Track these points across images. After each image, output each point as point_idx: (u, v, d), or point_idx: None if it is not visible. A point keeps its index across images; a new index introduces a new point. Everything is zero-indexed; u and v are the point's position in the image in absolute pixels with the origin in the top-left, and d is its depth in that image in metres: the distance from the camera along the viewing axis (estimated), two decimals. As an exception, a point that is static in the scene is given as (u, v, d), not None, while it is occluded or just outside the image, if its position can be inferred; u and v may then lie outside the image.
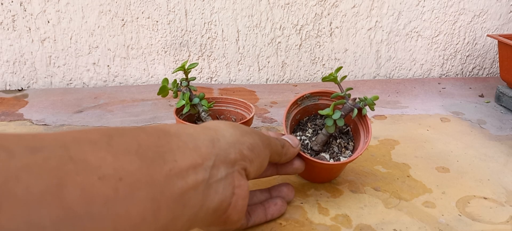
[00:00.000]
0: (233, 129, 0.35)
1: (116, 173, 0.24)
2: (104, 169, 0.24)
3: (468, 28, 0.92)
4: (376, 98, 0.46)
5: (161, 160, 0.27)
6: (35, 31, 0.80)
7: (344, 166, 0.50)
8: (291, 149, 0.41)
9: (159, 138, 0.28)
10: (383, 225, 0.42)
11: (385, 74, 0.93)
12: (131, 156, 0.25)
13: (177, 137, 0.30)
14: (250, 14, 0.84)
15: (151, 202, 0.25)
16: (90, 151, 0.24)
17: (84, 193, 0.22)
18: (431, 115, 0.71)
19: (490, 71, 0.97)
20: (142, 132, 0.28)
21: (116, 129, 0.27)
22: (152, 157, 0.26)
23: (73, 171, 0.22)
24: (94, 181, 0.23)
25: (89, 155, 0.24)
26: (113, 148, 0.25)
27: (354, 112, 0.46)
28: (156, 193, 0.25)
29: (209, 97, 0.55)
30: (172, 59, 0.86)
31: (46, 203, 0.21)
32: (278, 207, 0.42)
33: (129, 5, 0.81)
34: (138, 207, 0.24)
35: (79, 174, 0.22)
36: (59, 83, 0.84)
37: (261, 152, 0.36)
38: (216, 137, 0.33)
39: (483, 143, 0.61)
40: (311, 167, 0.45)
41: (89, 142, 0.25)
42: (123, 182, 0.24)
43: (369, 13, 0.87)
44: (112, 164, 0.24)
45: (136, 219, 0.24)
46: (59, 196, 0.21)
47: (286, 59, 0.89)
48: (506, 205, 0.46)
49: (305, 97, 0.50)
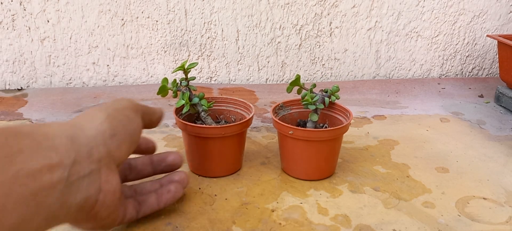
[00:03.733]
0: (92, 119, 0.34)
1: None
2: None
3: (467, 28, 0.92)
4: (337, 88, 0.52)
5: (8, 162, 0.26)
6: (35, 31, 0.80)
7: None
8: (157, 109, 0.42)
9: (7, 139, 0.27)
10: (382, 225, 0.42)
11: (384, 74, 0.93)
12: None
13: (30, 137, 0.29)
14: (250, 14, 0.84)
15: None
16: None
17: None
18: (431, 115, 0.71)
19: (489, 71, 0.97)
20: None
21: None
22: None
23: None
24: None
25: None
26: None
27: (326, 101, 0.51)
28: (1, 195, 0.25)
29: (209, 97, 0.55)
30: (171, 59, 0.86)
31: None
32: (172, 193, 0.41)
33: (129, 5, 0.81)
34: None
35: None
36: (58, 82, 0.84)
37: (126, 127, 0.36)
38: (75, 133, 0.32)
39: (482, 143, 0.61)
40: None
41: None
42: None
43: (369, 13, 0.87)
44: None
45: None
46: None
47: (285, 59, 0.89)
48: (506, 205, 0.46)
49: (280, 107, 0.54)
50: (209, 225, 0.42)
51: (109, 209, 0.34)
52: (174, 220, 0.42)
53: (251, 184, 0.49)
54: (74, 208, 0.30)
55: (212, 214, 0.43)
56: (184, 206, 0.44)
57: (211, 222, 0.42)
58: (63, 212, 0.30)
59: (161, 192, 0.41)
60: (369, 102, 0.77)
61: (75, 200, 0.30)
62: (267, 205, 0.45)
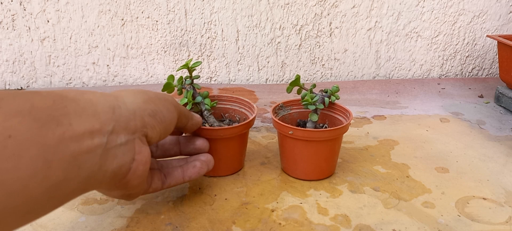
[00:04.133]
0: (134, 96, 0.36)
1: (5, 131, 0.25)
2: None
3: (467, 28, 0.92)
4: (337, 88, 0.52)
5: (54, 123, 0.27)
6: (35, 31, 0.80)
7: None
8: (196, 115, 0.45)
9: (55, 101, 0.29)
10: (382, 225, 0.42)
11: (384, 74, 0.93)
12: (23, 117, 0.26)
13: (75, 101, 0.30)
14: (250, 14, 0.84)
15: (42, 162, 0.26)
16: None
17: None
18: (431, 115, 0.71)
19: (489, 71, 0.97)
20: (37, 95, 0.29)
21: (10, 92, 0.28)
22: (45, 119, 0.27)
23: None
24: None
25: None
26: (3, 109, 0.26)
27: (326, 102, 0.51)
28: (47, 153, 0.26)
29: (213, 95, 0.55)
30: (171, 59, 0.86)
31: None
32: (197, 169, 0.43)
33: (129, 5, 0.81)
34: (27, 165, 0.25)
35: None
36: (58, 82, 0.84)
37: (165, 117, 0.38)
38: (117, 104, 0.33)
39: (482, 143, 0.61)
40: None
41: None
42: (12, 140, 0.25)
43: (369, 14, 0.87)
44: (2, 123, 0.25)
45: (24, 175, 0.25)
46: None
47: (285, 59, 0.89)
48: (505, 206, 0.46)
49: (280, 107, 0.54)
50: (209, 225, 0.42)
51: (139, 179, 0.35)
52: (174, 220, 0.42)
53: (251, 184, 0.49)
54: (109, 173, 0.32)
55: (212, 214, 0.43)
56: (184, 206, 0.44)
57: (211, 222, 0.42)
58: (100, 176, 0.31)
59: (187, 167, 0.43)
60: (369, 103, 0.77)
61: (111, 166, 0.32)
62: (267, 205, 0.45)
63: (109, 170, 0.32)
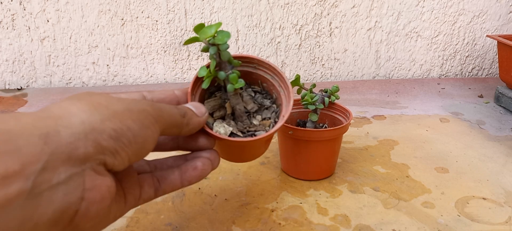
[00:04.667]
0: (90, 112, 0.26)
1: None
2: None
3: (467, 28, 0.92)
4: (337, 88, 0.51)
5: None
6: (35, 30, 0.80)
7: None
8: (194, 119, 0.33)
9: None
10: (382, 225, 0.42)
11: (384, 74, 0.93)
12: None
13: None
14: (249, 14, 0.84)
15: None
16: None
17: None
18: (431, 115, 0.71)
19: (489, 71, 0.97)
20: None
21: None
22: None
23: None
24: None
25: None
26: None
27: (325, 102, 0.51)
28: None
29: (252, 57, 0.40)
30: (171, 59, 0.86)
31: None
32: (199, 170, 0.34)
33: (129, 5, 0.81)
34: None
35: None
36: (58, 82, 0.84)
37: (136, 136, 0.28)
38: (55, 129, 0.25)
39: (482, 143, 0.61)
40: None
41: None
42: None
43: (369, 13, 0.87)
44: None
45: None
46: None
47: (285, 59, 0.89)
48: (505, 206, 0.46)
49: None
50: (209, 225, 0.42)
51: (93, 220, 0.27)
52: (174, 220, 0.42)
53: (250, 184, 0.49)
54: (43, 224, 0.24)
55: (212, 214, 0.43)
56: (184, 206, 0.44)
57: (211, 222, 0.42)
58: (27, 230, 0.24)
59: (185, 168, 0.34)
60: (369, 103, 0.77)
61: (44, 215, 0.24)
62: (267, 205, 0.45)
63: (43, 220, 0.24)
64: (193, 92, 0.37)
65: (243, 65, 0.40)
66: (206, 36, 0.34)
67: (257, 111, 0.40)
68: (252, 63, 0.40)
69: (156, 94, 0.35)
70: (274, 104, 0.41)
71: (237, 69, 0.38)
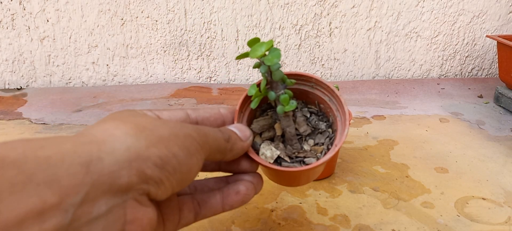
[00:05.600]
0: (134, 137, 0.24)
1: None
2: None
3: (467, 28, 0.92)
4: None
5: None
6: (35, 30, 0.80)
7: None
8: (238, 143, 0.31)
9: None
10: (381, 225, 0.42)
11: (384, 74, 0.93)
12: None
13: (17, 166, 0.20)
14: (249, 14, 0.84)
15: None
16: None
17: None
18: (430, 115, 0.71)
19: (489, 72, 0.97)
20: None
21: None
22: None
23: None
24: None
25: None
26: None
27: None
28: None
29: (309, 77, 0.37)
30: (171, 59, 0.86)
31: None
32: (241, 195, 0.32)
33: (129, 4, 0.81)
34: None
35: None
36: (58, 82, 0.84)
37: (181, 164, 0.26)
38: (97, 155, 0.22)
39: (482, 143, 0.61)
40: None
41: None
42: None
43: (369, 14, 0.87)
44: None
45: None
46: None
47: (285, 59, 0.89)
48: (505, 206, 0.46)
49: None
50: (209, 225, 0.42)
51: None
52: (173, 219, 0.42)
53: (250, 184, 0.49)
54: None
55: (211, 214, 0.43)
56: (184, 206, 0.44)
57: (211, 222, 0.42)
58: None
59: (227, 192, 0.32)
60: (369, 103, 0.77)
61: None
62: (267, 205, 0.45)
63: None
64: (241, 110, 0.36)
65: (299, 83, 0.38)
66: (256, 56, 0.32)
67: (310, 135, 0.37)
68: (310, 82, 0.37)
69: (200, 112, 0.33)
70: (329, 128, 0.38)
71: (292, 88, 0.36)
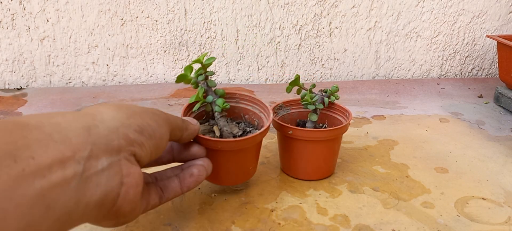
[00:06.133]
0: (116, 111, 0.32)
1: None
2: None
3: (467, 29, 0.92)
4: (336, 88, 0.51)
5: (11, 159, 0.23)
6: (35, 30, 0.80)
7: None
8: (191, 124, 0.39)
9: (11, 133, 0.24)
10: (381, 225, 0.42)
11: (384, 74, 0.93)
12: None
13: (38, 128, 0.26)
14: (249, 14, 0.84)
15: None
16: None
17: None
18: (430, 115, 0.71)
19: (489, 72, 0.97)
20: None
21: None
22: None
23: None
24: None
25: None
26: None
27: (325, 102, 0.51)
28: (1, 200, 0.22)
29: (233, 92, 0.49)
30: (171, 59, 0.86)
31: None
32: (195, 177, 0.39)
33: (129, 4, 0.81)
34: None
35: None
36: (58, 82, 0.84)
37: (154, 131, 0.33)
38: (93, 123, 0.29)
39: (482, 143, 0.61)
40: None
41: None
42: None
43: (369, 14, 0.87)
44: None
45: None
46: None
47: (285, 59, 0.89)
48: (505, 206, 0.46)
49: (279, 107, 0.53)
50: (209, 225, 0.42)
51: (132, 204, 0.31)
52: (173, 220, 0.42)
53: (250, 184, 0.49)
54: (92, 205, 0.28)
55: (211, 214, 0.43)
56: (184, 206, 0.44)
57: (211, 222, 0.42)
58: (79, 210, 0.27)
59: (183, 176, 0.39)
60: (369, 103, 0.77)
61: (93, 196, 0.28)
62: (266, 205, 0.45)
63: (92, 201, 0.27)
64: (185, 115, 0.45)
65: (227, 100, 0.47)
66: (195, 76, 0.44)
67: (242, 135, 0.46)
68: (234, 98, 0.49)
69: None
70: (256, 129, 0.48)
71: None
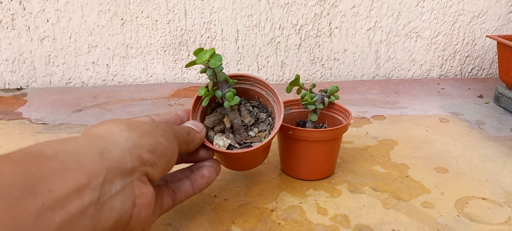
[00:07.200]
0: (128, 131, 0.31)
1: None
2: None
3: (467, 29, 0.92)
4: (336, 88, 0.51)
5: (31, 195, 0.23)
6: (35, 30, 0.80)
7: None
8: (196, 135, 0.39)
9: (30, 165, 0.24)
10: (381, 225, 0.42)
11: (384, 74, 0.94)
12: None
13: (54, 158, 0.26)
14: (249, 14, 0.84)
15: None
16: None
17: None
18: (430, 115, 0.71)
19: (489, 72, 0.97)
20: (6, 163, 0.24)
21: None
22: (18, 194, 0.22)
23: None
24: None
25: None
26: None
27: (325, 102, 0.51)
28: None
29: (248, 76, 0.45)
30: (171, 59, 0.86)
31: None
32: (206, 178, 0.40)
33: (129, 4, 0.81)
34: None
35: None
36: (58, 82, 0.84)
37: (166, 149, 0.33)
38: (106, 147, 0.29)
39: (482, 143, 0.61)
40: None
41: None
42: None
43: (369, 14, 0.87)
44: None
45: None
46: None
47: (285, 59, 0.89)
48: (505, 206, 0.46)
49: None
50: (209, 225, 0.42)
51: (143, 224, 0.32)
52: (174, 220, 0.42)
53: (250, 184, 0.49)
54: (107, 229, 0.28)
55: (211, 214, 0.43)
56: (184, 206, 0.44)
57: (211, 222, 0.42)
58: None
59: (194, 178, 0.40)
60: (369, 103, 0.77)
61: (108, 222, 0.28)
62: (267, 205, 0.45)
63: (107, 226, 0.28)
64: (194, 109, 0.43)
65: (240, 82, 0.45)
66: (202, 61, 0.39)
67: (254, 124, 0.45)
68: (249, 80, 0.46)
69: (162, 116, 0.40)
70: (269, 117, 0.46)
71: (234, 87, 0.43)
